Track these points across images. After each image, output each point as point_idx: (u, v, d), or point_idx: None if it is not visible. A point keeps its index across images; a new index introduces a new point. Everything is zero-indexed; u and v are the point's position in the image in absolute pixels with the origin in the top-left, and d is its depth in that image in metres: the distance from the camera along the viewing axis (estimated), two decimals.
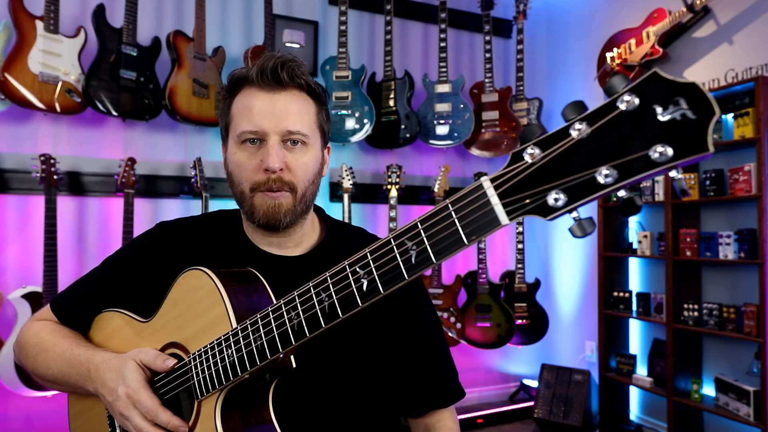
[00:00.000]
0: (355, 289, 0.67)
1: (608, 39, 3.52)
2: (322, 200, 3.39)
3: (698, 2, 2.92)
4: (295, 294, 0.73)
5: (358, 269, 0.67)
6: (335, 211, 3.27)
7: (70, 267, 2.83)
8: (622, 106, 0.52)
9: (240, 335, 0.78)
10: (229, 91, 0.97)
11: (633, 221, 3.43)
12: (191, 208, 3.13)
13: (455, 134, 3.49)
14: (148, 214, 3.04)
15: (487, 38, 3.67)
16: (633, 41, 3.33)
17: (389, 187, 3.32)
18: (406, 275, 0.63)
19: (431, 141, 3.51)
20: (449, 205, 0.60)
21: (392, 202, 3.30)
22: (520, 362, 4.01)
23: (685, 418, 2.90)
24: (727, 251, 2.71)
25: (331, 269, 0.70)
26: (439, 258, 0.61)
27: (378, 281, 0.65)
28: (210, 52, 3.02)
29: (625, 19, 3.47)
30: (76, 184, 2.87)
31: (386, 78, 3.45)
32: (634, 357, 3.26)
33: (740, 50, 2.85)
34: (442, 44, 3.55)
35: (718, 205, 2.92)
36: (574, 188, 0.55)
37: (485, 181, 0.59)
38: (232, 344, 0.78)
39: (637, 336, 3.41)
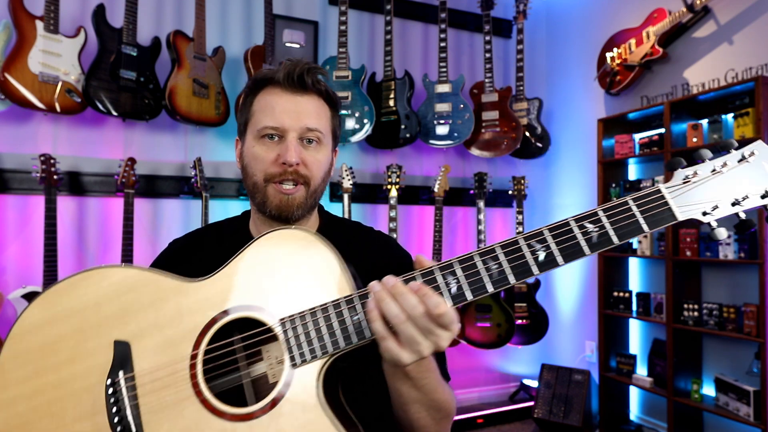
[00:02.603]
0: (531, 260, 0.74)
1: (608, 39, 3.52)
2: (322, 200, 3.38)
3: (698, 2, 2.92)
4: (456, 260, 0.75)
5: (534, 243, 0.75)
6: (335, 211, 3.25)
7: (70, 267, 2.83)
8: (750, 159, 0.77)
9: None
10: (252, 89, 1.03)
11: None
12: (191, 208, 3.13)
13: (455, 134, 3.49)
14: (148, 214, 3.04)
15: (487, 38, 3.67)
16: (633, 41, 3.33)
17: (389, 187, 3.32)
18: (587, 251, 0.74)
19: (431, 141, 3.51)
20: (629, 201, 0.75)
21: (392, 202, 3.30)
22: (520, 362, 4.01)
23: (685, 418, 2.90)
24: (727, 251, 2.71)
25: (500, 242, 0.75)
26: (622, 239, 0.74)
27: (557, 254, 0.74)
28: (210, 52, 3.02)
29: (625, 19, 3.47)
30: (76, 184, 2.87)
31: (386, 78, 3.45)
32: (634, 357, 3.26)
33: (740, 50, 2.85)
34: (442, 44, 3.55)
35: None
36: (719, 203, 0.76)
37: (663, 187, 0.76)
38: (356, 308, 0.76)
39: (637, 336, 3.41)
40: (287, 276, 0.81)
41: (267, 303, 0.80)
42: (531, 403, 3.58)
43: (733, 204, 0.76)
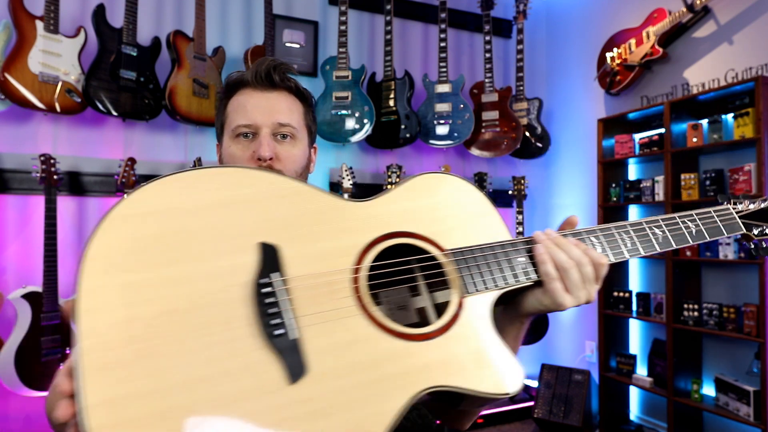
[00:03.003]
0: (652, 237, 0.93)
1: (608, 39, 3.52)
2: None
3: (698, 2, 2.92)
4: (597, 228, 0.90)
5: (653, 227, 0.95)
6: None
7: (70, 267, 2.83)
8: None
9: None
10: (226, 93, 1.06)
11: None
12: None
13: (455, 134, 3.49)
14: None
15: (487, 38, 3.67)
16: (633, 41, 3.33)
17: (389, 187, 3.32)
18: (690, 240, 0.95)
19: (431, 141, 3.51)
20: (712, 211, 0.99)
21: None
22: (520, 362, 4.00)
23: (685, 418, 2.90)
24: (727, 251, 2.71)
25: (630, 221, 0.92)
26: (711, 236, 0.97)
27: (670, 238, 0.94)
28: (210, 52, 3.02)
29: (625, 19, 3.47)
30: (76, 184, 2.87)
31: (386, 78, 3.44)
32: (634, 357, 3.26)
33: (740, 50, 2.85)
34: (442, 44, 3.55)
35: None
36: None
37: (731, 208, 1.01)
38: (522, 251, 0.84)
39: (637, 336, 3.41)
40: (449, 212, 0.85)
41: (431, 233, 0.82)
42: (531, 403, 3.58)
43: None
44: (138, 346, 0.61)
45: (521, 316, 0.86)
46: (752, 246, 1.01)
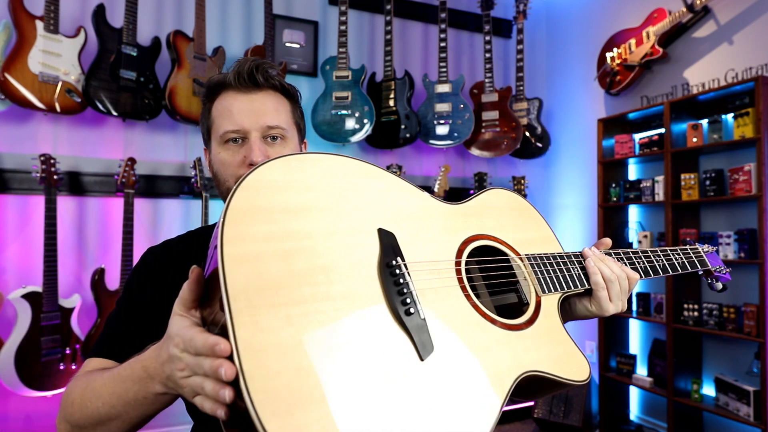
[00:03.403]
0: (665, 262, 1.13)
1: (608, 39, 3.52)
2: None
3: (698, 2, 2.92)
4: (621, 251, 1.08)
5: (659, 255, 1.13)
6: None
7: (70, 267, 2.83)
8: None
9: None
10: (208, 96, 1.03)
11: (633, 221, 3.44)
12: (191, 208, 3.13)
13: (455, 134, 3.49)
14: (148, 214, 3.04)
15: (487, 38, 3.67)
16: (633, 41, 3.33)
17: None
18: (697, 267, 1.18)
19: (431, 141, 3.51)
20: (698, 246, 1.21)
21: None
22: None
23: (685, 418, 2.90)
24: (727, 251, 2.71)
25: (646, 249, 1.11)
26: (691, 269, 1.16)
27: (667, 265, 1.13)
28: (210, 52, 3.02)
29: (625, 19, 3.48)
30: (76, 184, 2.87)
31: (386, 78, 3.45)
32: (634, 357, 3.26)
33: (740, 50, 2.85)
34: (442, 44, 3.55)
35: (718, 205, 2.92)
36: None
37: (701, 248, 1.21)
38: (576, 264, 1.00)
39: (637, 336, 3.41)
40: (518, 223, 1.01)
41: (511, 240, 0.97)
42: (531, 403, 3.58)
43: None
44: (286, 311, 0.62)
45: (565, 321, 0.98)
46: (709, 281, 1.21)
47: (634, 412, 3.43)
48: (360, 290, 0.69)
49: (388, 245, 0.76)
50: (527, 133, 3.73)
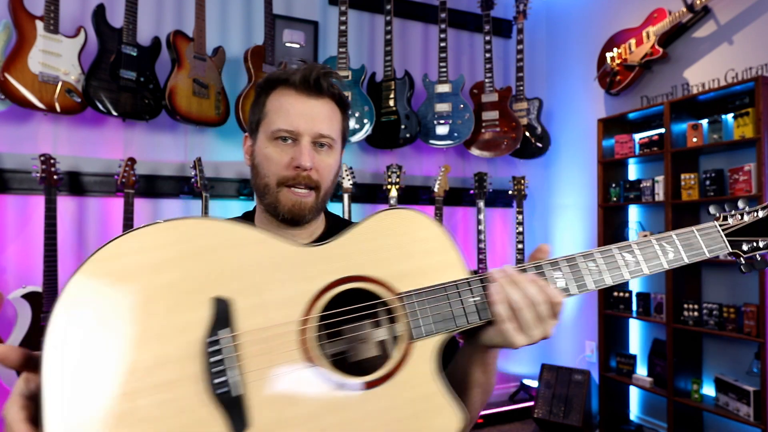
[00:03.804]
0: (621, 263, 0.87)
1: (608, 39, 3.52)
2: None
3: (698, 2, 2.92)
4: (562, 259, 0.86)
5: (624, 253, 0.88)
6: (335, 210, 3.26)
7: (70, 267, 2.83)
8: None
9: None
10: (265, 87, 1.03)
11: (633, 221, 3.44)
12: (191, 208, 3.13)
13: (455, 134, 3.49)
14: (148, 214, 3.04)
15: (487, 38, 3.67)
16: (633, 41, 3.33)
17: (389, 187, 3.32)
18: (665, 265, 0.89)
19: (431, 141, 3.51)
20: (695, 230, 0.93)
21: (392, 202, 3.30)
22: (520, 362, 4.01)
23: (685, 418, 2.90)
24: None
25: (598, 248, 0.87)
26: (691, 259, 0.91)
27: (641, 265, 0.88)
28: (210, 52, 3.02)
29: (625, 19, 3.48)
30: (76, 184, 2.87)
31: (386, 78, 3.45)
32: (634, 357, 3.26)
33: (740, 50, 2.85)
34: (442, 44, 3.55)
35: (718, 205, 2.92)
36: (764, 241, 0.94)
37: (716, 224, 0.97)
38: (476, 290, 0.81)
39: (637, 336, 3.41)
40: (403, 252, 0.82)
41: (385, 276, 0.81)
42: (531, 403, 3.58)
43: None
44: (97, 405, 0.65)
45: (482, 346, 0.85)
46: (742, 263, 0.94)
47: (634, 412, 3.43)
48: (180, 376, 0.69)
49: (218, 317, 0.73)
50: (527, 133, 3.73)
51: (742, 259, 0.94)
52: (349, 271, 0.80)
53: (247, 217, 1.12)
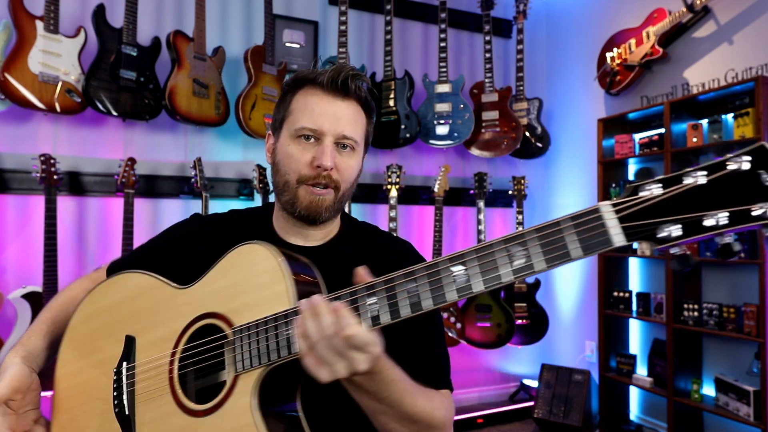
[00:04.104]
0: (456, 283, 0.73)
1: (608, 39, 3.52)
2: None
3: (698, 2, 2.92)
4: (381, 280, 0.77)
5: (459, 266, 0.73)
6: None
7: (70, 267, 2.83)
8: (733, 167, 0.62)
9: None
10: (292, 86, 1.03)
11: None
12: (191, 208, 3.13)
13: (455, 134, 3.49)
14: (148, 214, 3.04)
15: (487, 38, 3.67)
16: (633, 41, 3.33)
17: (389, 187, 3.32)
18: (503, 279, 0.70)
19: (431, 141, 3.51)
20: (568, 220, 0.68)
21: (392, 202, 3.30)
22: (520, 362, 4.01)
23: (685, 418, 2.90)
24: None
25: (423, 264, 0.75)
26: (549, 265, 0.68)
27: (481, 278, 0.71)
28: (210, 52, 3.02)
29: (625, 19, 3.47)
30: (76, 184, 2.87)
31: (386, 78, 3.45)
32: (634, 357, 3.26)
33: (740, 50, 2.85)
34: (442, 44, 3.55)
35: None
36: (686, 225, 0.64)
37: (605, 206, 0.66)
38: (291, 322, 0.79)
39: (637, 336, 3.41)
40: (245, 287, 0.87)
41: (228, 311, 0.88)
42: (531, 403, 3.58)
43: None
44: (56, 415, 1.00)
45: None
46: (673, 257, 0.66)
47: (634, 412, 3.43)
48: (102, 395, 0.97)
49: (125, 351, 0.97)
50: (527, 133, 3.73)
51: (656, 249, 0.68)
52: (205, 309, 0.91)
53: (267, 211, 1.13)
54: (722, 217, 0.61)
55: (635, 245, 3.23)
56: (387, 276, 0.76)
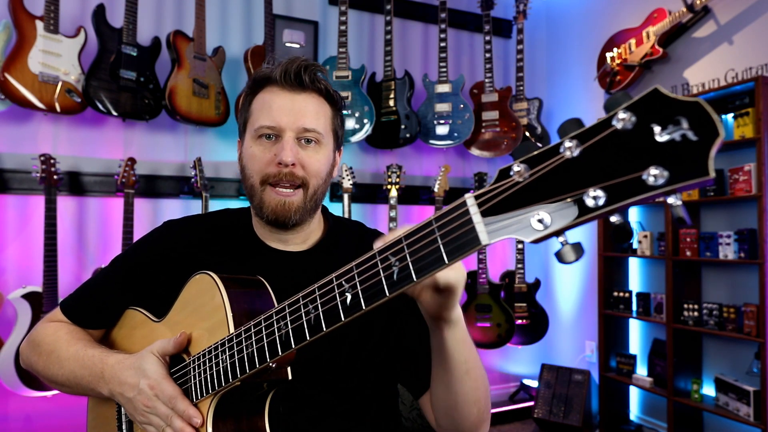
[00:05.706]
0: (339, 303, 0.66)
1: (608, 39, 3.52)
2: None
3: (698, 2, 2.92)
4: (285, 304, 0.75)
5: (344, 282, 0.66)
6: (335, 211, 3.25)
7: (70, 267, 2.83)
8: (618, 125, 0.49)
9: (234, 341, 0.80)
10: (252, 89, 1.01)
11: (633, 221, 3.43)
12: (191, 208, 3.13)
13: (455, 134, 3.49)
14: (148, 214, 3.04)
15: (487, 38, 3.67)
16: (633, 41, 3.33)
17: (389, 187, 3.32)
18: (387, 292, 0.62)
19: (431, 141, 3.51)
20: (433, 221, 0.60)
21: (392, 202, 3.30)
22: (520, 362, 4.01)
23: (685, 418, 2.90)
24: (727, 251, 2.71)
25: (319, 281, 0.71)
26: (420, 276, 0.59)
27: (361, 296, 0.64)
28: (210, 52, 3.02)
29: (625, 19, 3.47)
30: (76, 184, 2.87)
31: (386, 78, 3.44)
32: (634, 357, 3.26)
33: (740, 50, 2.85)
34: (442, 44, 3.55)
35: (718, 205, 2.92)
36: (559, 210, 0.50)
37: (469, 198, 0.57)
38: (227, 350, 0.80)
39: (637, 336, 3.41)
40: (200, 315, 0.89)
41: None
42: (531, 403, 3.58)
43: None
44: None
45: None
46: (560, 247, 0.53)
47: (634, 412, 3.43)
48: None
49: None
50: (527, 133, 3.73)
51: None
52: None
53: (248, 214, 1.08)
54: (600, 195, 0.47)
55: (635, 245, 3.23)
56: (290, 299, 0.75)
